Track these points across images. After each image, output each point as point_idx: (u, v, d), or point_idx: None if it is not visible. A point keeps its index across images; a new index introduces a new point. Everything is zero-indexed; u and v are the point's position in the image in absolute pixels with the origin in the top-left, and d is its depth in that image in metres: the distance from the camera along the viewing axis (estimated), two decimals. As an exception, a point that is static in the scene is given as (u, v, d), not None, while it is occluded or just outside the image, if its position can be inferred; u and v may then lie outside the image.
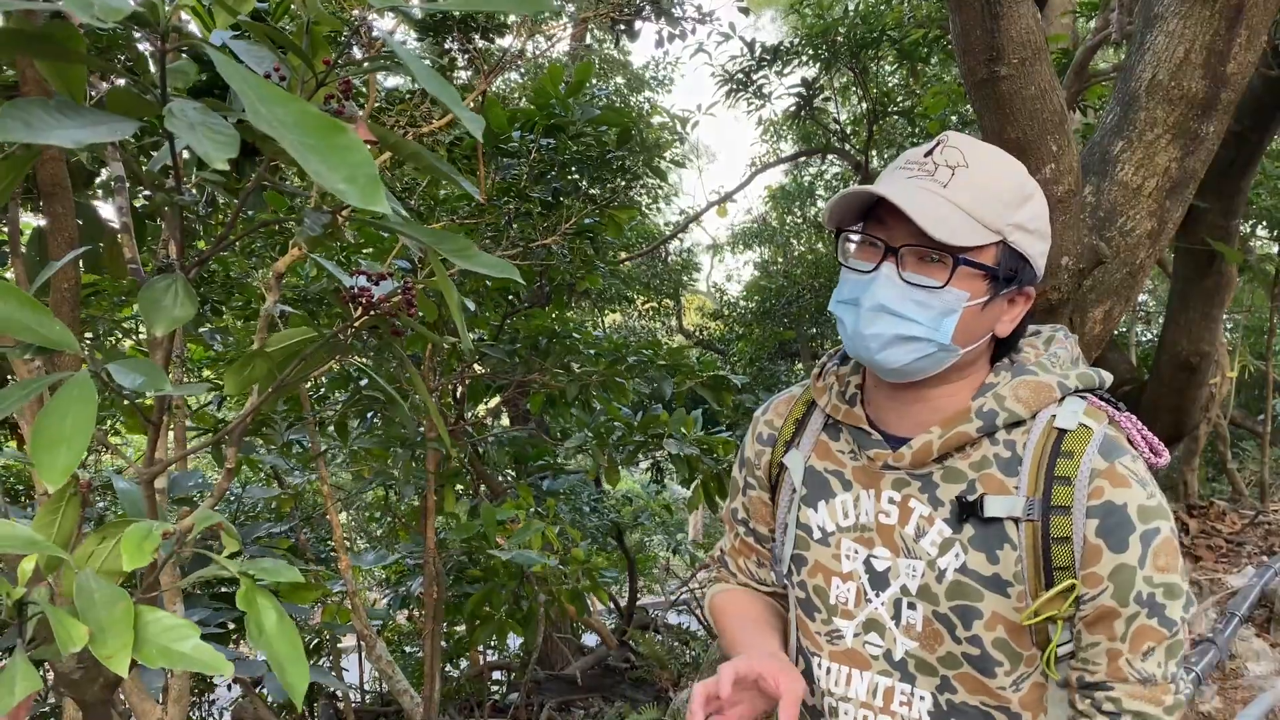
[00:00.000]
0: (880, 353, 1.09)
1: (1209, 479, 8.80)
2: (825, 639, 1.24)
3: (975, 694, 1.14)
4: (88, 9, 0.62)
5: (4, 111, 0.64)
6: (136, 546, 0.95)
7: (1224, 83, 2.66)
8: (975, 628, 1.11)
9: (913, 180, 1.08)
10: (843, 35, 5.79)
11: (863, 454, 1.21)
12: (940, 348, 1.09)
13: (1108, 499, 1.06)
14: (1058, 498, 1.08)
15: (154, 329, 0.87)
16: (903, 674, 1.17)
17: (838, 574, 1.22)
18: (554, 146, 3.40)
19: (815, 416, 1.30)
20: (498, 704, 6.18)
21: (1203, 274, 4.91)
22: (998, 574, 1.10)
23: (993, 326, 1.13)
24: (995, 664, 1.12)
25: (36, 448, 0.81)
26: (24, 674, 0.89)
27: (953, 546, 1.13)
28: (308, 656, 3.40)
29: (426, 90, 0.73)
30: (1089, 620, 1.09)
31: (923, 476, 1.16)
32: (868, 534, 1.19)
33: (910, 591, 1.16)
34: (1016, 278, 1.11)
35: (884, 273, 1.08)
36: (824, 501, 1.24)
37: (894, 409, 1.19)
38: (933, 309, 1.07)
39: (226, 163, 0.66)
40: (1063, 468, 1.08)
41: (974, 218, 1.06)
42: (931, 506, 1.14)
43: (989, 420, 1.12)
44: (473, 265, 0.88)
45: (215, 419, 4.12)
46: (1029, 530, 1.09)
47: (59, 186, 1.60)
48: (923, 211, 1.03)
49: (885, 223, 1.09)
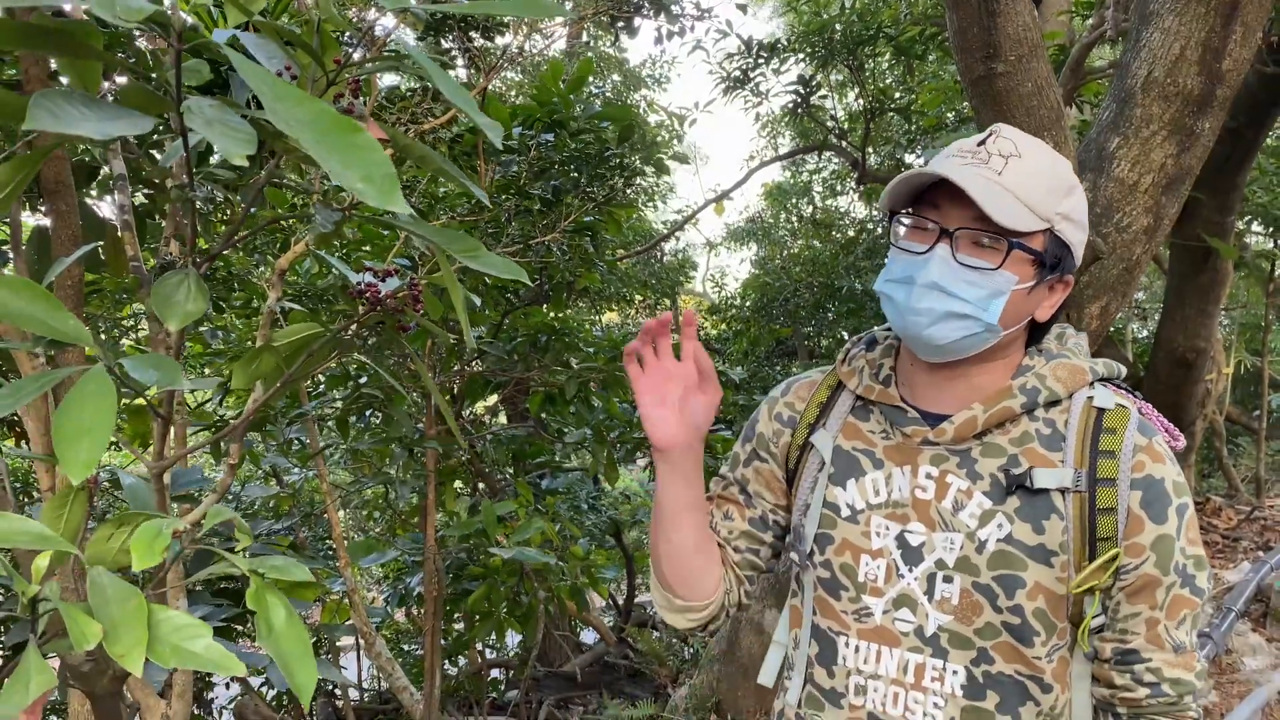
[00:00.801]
0: (929, 328, 1.13)
1: (1205, 475, 8.82)
2: (853, 617, 1.24)
3: (1012, 663, 1.17)
4: (110, 8, 0.63)
5: (33, 102, 0.65)
6: (147, 546, 0.95)
7: (1219, 79, 2.68)
8: (1018, 597, 1.14)
9: (968, 167, 1.12)
10: (839, 32, 5.80)
11: (897, 431, 1.24)
12: (986, 327, 1.13)
13: (1149, 473, 1.13)
14: (1104, 470, 1.13)
15: (168, 323, 0.88)
16: (935, 649, 1.19)
17: (867, 551, 1.23)
18: (554, 144, 3.41)
19: (842, 399, 1.32)
20: (496, 701, 6.19)
21: (1198, 270, 4.93)
22: (1043, 544, 1.14)
23: (1033, 311, 1.19)
24: (1034, 633, 1.15)
25: (59, 441, 0.82)
26: (38, 669, 0.89)
27: (994, 518, 1.16)
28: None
29: (443, 95, 0.74)
30: (1131, 589, 1.14)
31: (961, 452, 1.19)
32: (901, 510, 1.21)
33: (947, 565, 1.18)
34: (1060, 265, 1.16)
35: (939, 253, 1.12)
36: (853, 480, 1.26)
37: (932, 387, 1.23)
38: (983, 290, 1.12)
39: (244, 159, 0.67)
40: (1107, 443, 1.15)
41: (1026, 205, 1.11)
42: (970, 480, 1.18)
43: (1032, 397, 1.17)
44: (481, 266, 0.89)
45: (214, 416, 4.12)
46: (1075, 501, 1.14)
47: (62, 184, 1.60)
48: (984, 196, 1.08)
49: (939, 206, 1.14)
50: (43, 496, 1.68)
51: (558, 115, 3.46)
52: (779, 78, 6.37)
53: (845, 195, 9.74)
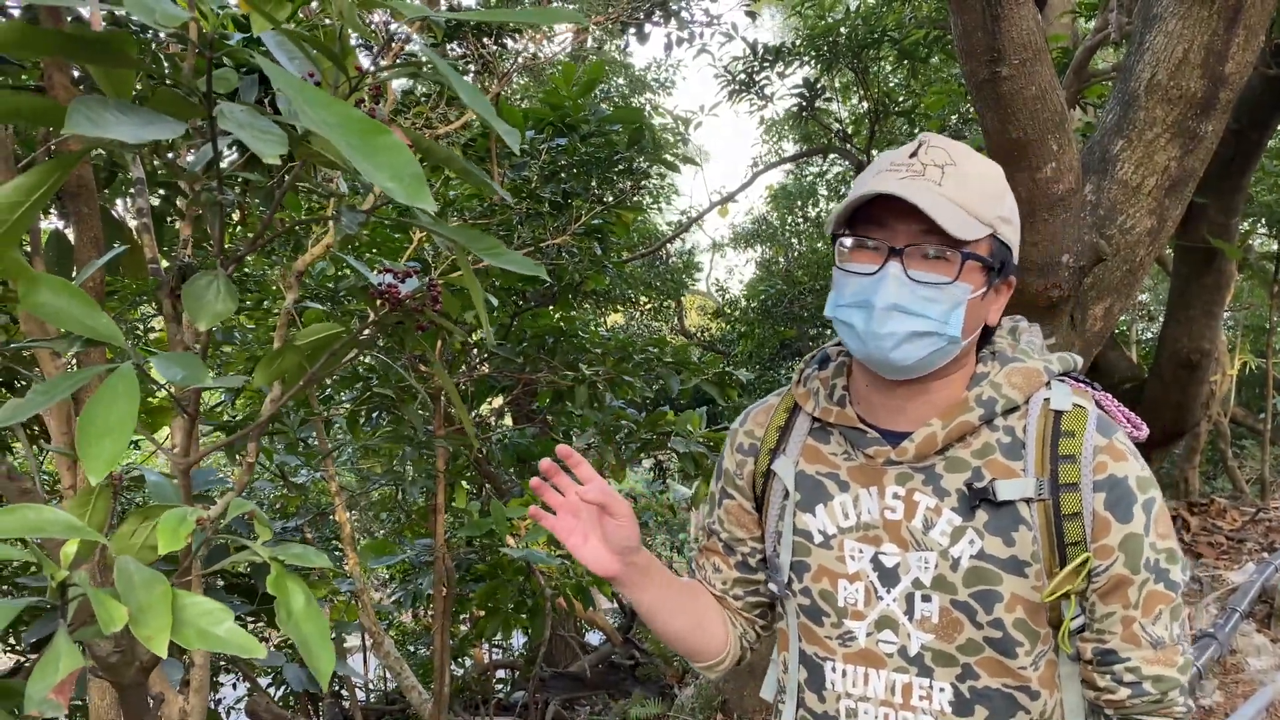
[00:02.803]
0: (894, 351, 1.11)
1: (1210, 476, 8.83)
2: (837, 642, 1.24)
3: (997, 676, 1.16)
4: (150, 15, 0.66)
5: (72, 108, 0.68)
6: (173, 531, 0.98)
7: (1223, 82, 2.70)
8: (996, 611, 1.14)
9: (907, 180, 1.09)
10: (844, 36, 5.83)
11: (859, 453, 1.22)
12: (950, 340, 1.11)
13: (1111, 473, 1.12)
14: (1065, 476, 1.12)
15: (198, 322, 0.90)
16: (920, 668, 1.18)
17: (844, 575, 1.22)
18: (564, 147, 3.44)
19: (800, 422, 1.30)
20: (503, 702, 6.22)
21: (1203, 271, 4.94)
22: (1015, 555, 1.13)
23: (985, 317, 1.17)
24: (1016, 645, 1.15)
25: (84, 438, 0.85)
26: (67, 652, 0.92)
27: (965, 534, 1.15)
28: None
29: (460, 100, 0.77)
30: (1104, 590, 1.13)
31: (925, 469, 1.18)
32: (873, 532, 1.20)
33: (924, 584, 1.17)
34: (1004, 268, 1.15)
35: (891, 272, 1.09)
36: (822, 505, 1.24)
37: (890, 405, 1.20)
38: (942, 304, 1.09)
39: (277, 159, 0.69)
40: (1066, 446, 1.13)
41: (970, 213, 1.09)
42: (938, 497, 1.16)
43: (989, 408, 1.15)
44: (502, 263, 0.92)
45: (222, 417, 4.16)
46: (1041, 509, 1.13)
47: (84, 187, 1.64)
48: (935, 209, 1.05)
49: (884, 224, 1.11)
50: (65, 494, 1.71)
51: (569, 119, 3.49)
52: (784, 81, 6.41)
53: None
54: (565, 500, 1.21)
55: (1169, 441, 5.56)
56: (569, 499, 1.21)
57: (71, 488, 1.71)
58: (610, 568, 1.23)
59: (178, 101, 0.90)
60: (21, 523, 0.89)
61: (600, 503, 1.19)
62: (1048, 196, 2.70)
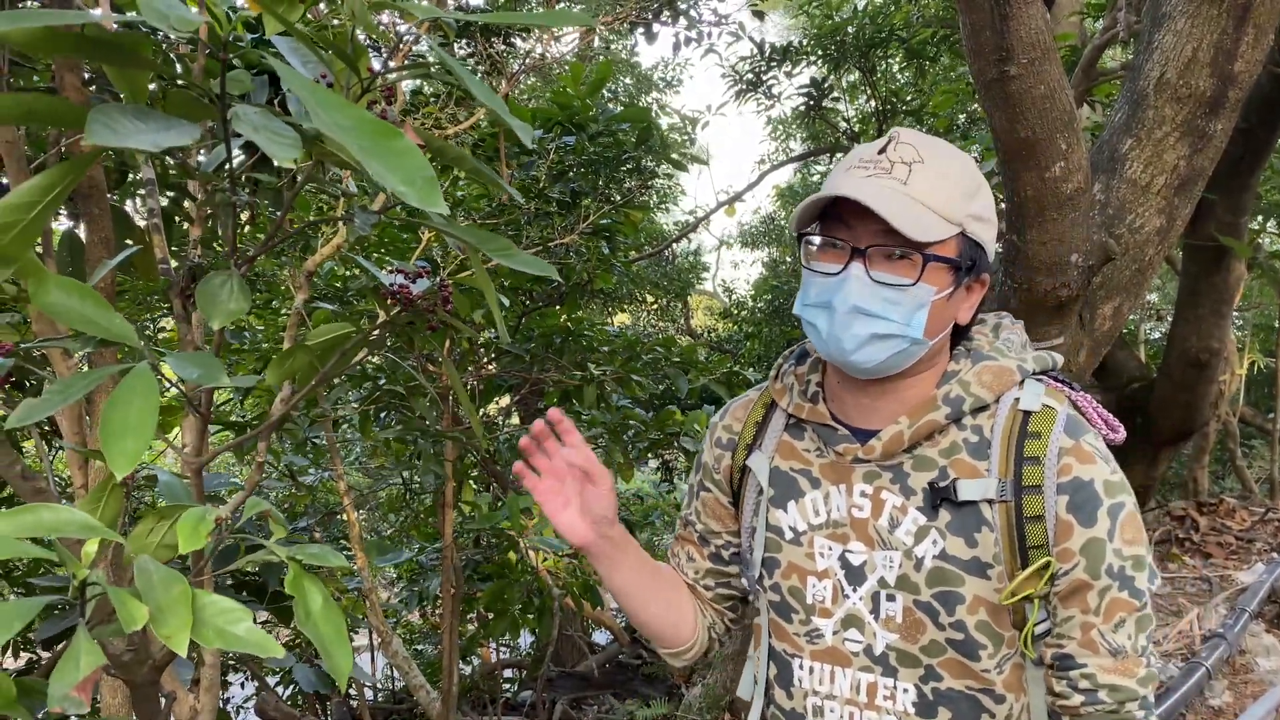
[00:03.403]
0: (856, 353, 1.10)
1: (1218, 476, 8.80)
2: (805, 639, 1.24)
3: (960, 679, 1.16)
4: (164, 20, 0.67)
5: (91, 118, 0.68)
6: (192, 529, 0.99)
7: (1232, 81, 2.69)
8: (958, 613, 1.13)
9: (872, 179, 1.08)
10: (851, 35, 5.82)
11: (830, 450, 1.21)
12: (913, 342, 1.11)
13: (1076, 475, 1.10)
14: (1029, 477, 1.10)
15: (212, 321, 0.91)
16: (884, 668, 1.18)
17: (813, 573, 1.22)
18: (572, 147, 3.45)
19: (776, 417, 1.30)
20: (510, 701, 6.22)
21: (1212, 271, 4.93)
22: (977, 557, 1.12)
23: (955, 315, 1.16)
24: (979, 647, 1.14)
25: (106, 436, 0.85)
26: (87, 650, 0.93)
27: (929, 534, 1.14)
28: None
29: (472, 99, 0.77)
30: (1063, 594, 1.12)
31: (893, 467, 1.17)
32: (841, 530, 1.20)
33: (889, 583, 1.17)
34: (975, 266, 1.13)
35: (853, 274, 1.09)
36: (793, 501, 1.24)
37: (860, 404, 1.20)
38: (904, 306, 1.09)
39: (292, 161, 0.70)
40: (1031, 448, 1.11)
41: (936, 212, 1.08)
42: (904, 496, 1.16)
43: (956, 406, 1.14)
44: (513, 263, 0.92)
45: (229, 416, 4.17)
46: (1003, 511, 1.11)
47: (95, 188, 1.65)
48: (893, 211, 1.04)
49: (849, 223, 1.10)
50: (75, 493, 1.72)
51: (577, 118, 3.49)
52: (791, 80, 6.40)
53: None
54: (551, 464, 1.23)
55: (1178, 441, 5.54)
56: (555, 463, 1.23)
57: (83, 487, 1.72)
58: (585, 536, 1.24)
59: (191, 104, 0.90)
60: (38, 522, 0.90)
61: (583, 467, 1.21)
62: (1056, 196, 2.70)
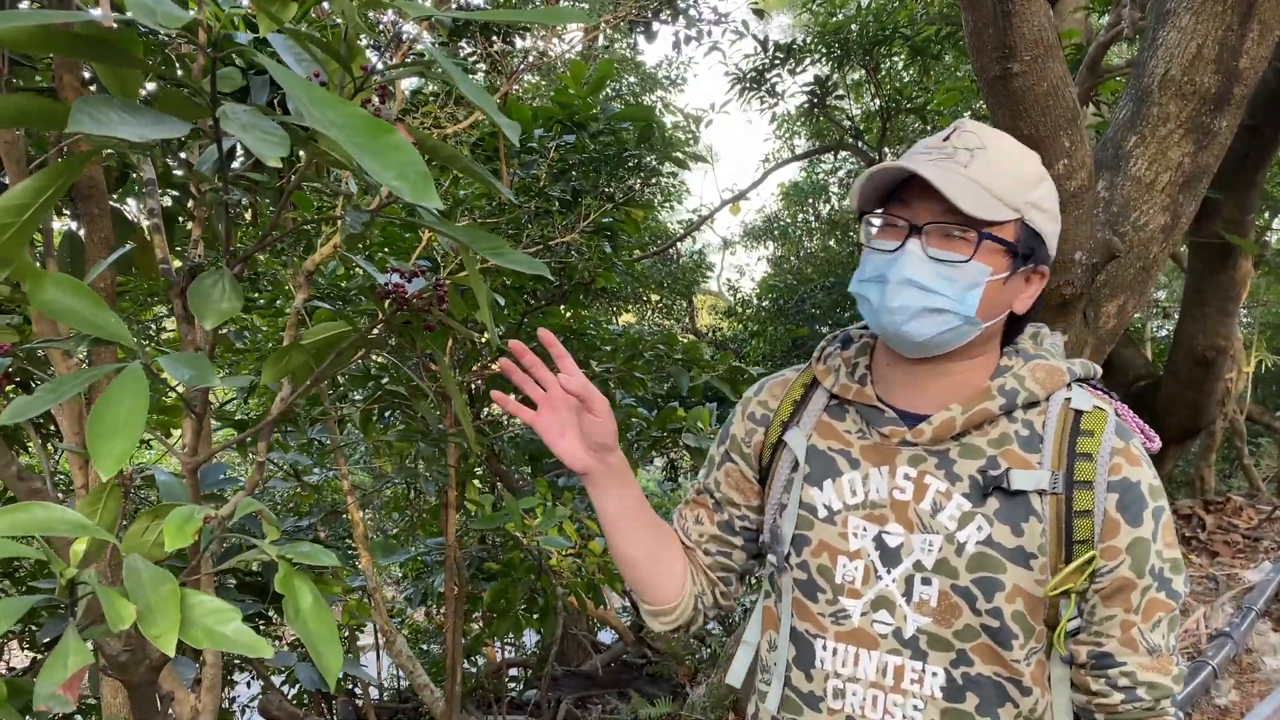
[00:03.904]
0: (906, 324, 1.13)
1: (1225, 475, 8.77)
2: (830, 619, 1.23)
3: (991, 664, 1.17)
4: (151, 16, 0.66)
5: (76, 107, 0.68)
6: (178, 528, 0.99)
7: (1236, 78, 2.68)
8: (996, 599, 1.14)
9: (934, 163, 1.12)
10: (855, 32, 5.81)
11: (874, 431, 1.22)
12: (965, 320, 1.13)
13: (1125, 475, 1.13)
14: (1081, 473, 1.13)
15: (204, 321, 0.91)
16: (914, 651, 1.18)
17: (844, 552, 1.22)
18: (573, 145, 3.44)
19: (816, 397, 1.31)
20: (515, 700, 6.23)
21: (1218, 268, 4.91)
22: (1022, 546, 1.14)
23: (1011, 303, 1.19)
24: (1012, 636, 1.15)
25: (94, 436, 0.85)
26: (75, 649, 0.92)
27: (973, 520, 1.15)
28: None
29: (467, 98, 0.77)
30: (1106, 593, 1.14)
31: (939, 453, 1.18)
32: (879, 511, 1.20)
33: (925, 566, 1.17)
34: (1033, 255, 1.16)
35: (909, 249, 1.12)
36: (830, 480, 1.25)
37: (909, 386, 1.21)
38: (958, 282, 1.11)
39: (279, 161, 0.70)
40: (1084, 445, 1.14)
41: (994, 195, 1.11)
42: (949, 482, 1.17)
43: (1010, 399, 1.16)
44: (505, 262, 0.92)
45: (235, 416, 4.18)
46: (1052, 504, 1.14)
47: (95, 188, 1.65)
48: (951, 187, 1.08)
49: (909, 204, 1.14)
50: (76, 493, 1.72)
51: (578, 117, 3.49)
52: (795, 78, 6.39)
53: (862, 195, 9.70)
54: (546, 395, 1.23)
55: (1184, 439, 5.52)
56: (551, 393, 1.22)
57: (84, 487, 1.73)
58: (585, 462, 1.24)
59: (184, 102, 0.90)
60: (30, 521, 0.90)
61: (579, 394, 1.20)
62: (1060, 193, 2.68)
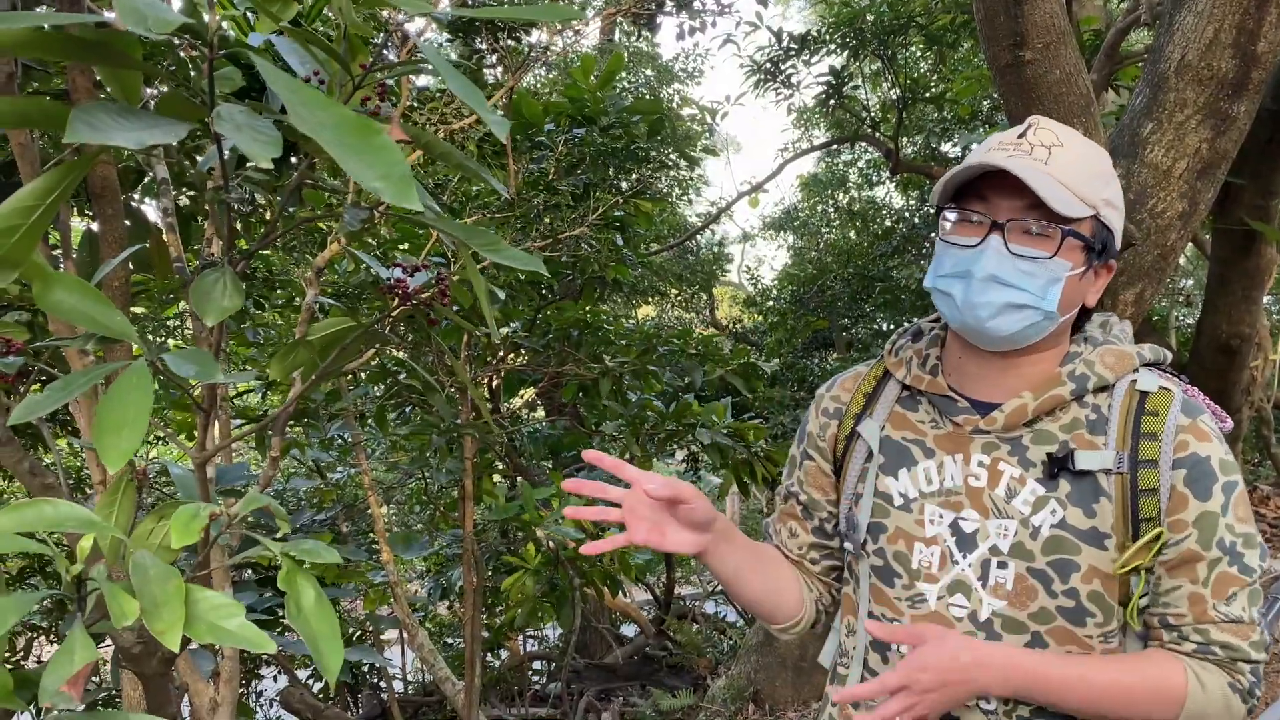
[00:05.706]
0: (990, 320, 1.15)
1: (1253, 464, 8.66)
2: (906, 604, 1.26)
3: (1065, 644, 1.18)
4: (141, 21, 0.68)
5: (73, 116, 0.69)
6: (185, 525, 1.00)
7: (1255, 62, 2.64)
8: (1073, 580, 1.16)
9: (1015, 159, 1.14)
10: (870, 22, 5.77)
11: (947, 421, 1.26)
12: (1046, 315, 1.16)
13: (1193, 451, 1.15)
14: (1145, 452, 1.15)
15: (205, 318, 0.92)
16: (988, 634, 1.20)
17: (920, 539, 1.25)
18: (583, 139, 3.44)
19: (888, 389, 1.35)
20: (538, 693, 6.27)
21: (1241, 255, 4.83)
22: (1095, 527, 1.16)
23: (1084, 296, 1.22)
24: (1088, 615, 1.17)
25: (100, 432, 0.87)
26: (82, 644, 0.94)
27: (1048, 504, 1.18)
28: (350, 646, 3.44)
29: (456, 93, 0.78)
30: (1171, 564, 1.16)
31: (1012, 440, 1.21)
32: (955, 498, 1.23)
33: (1001, 551, 1.19)
34: (1106, 250, 1.19)
35: (992, 245, 1.14)
36: (905, 469, 1.28)
37: (982, 378, 1.25)
38: (1040, 278, 1.14)
39: (269, 161, 0.71)
40: (1149, 425, 1.17)
41: (1075, 193, 1.14)
42: (1022, 468, 1.20)
43: (1081, 384, 1.19)
44: (500, 258, 0.93)
45: (255, 412, 4.22)
46: (1118, 483, 1.16)
47: (109, 188, 1.67)
48: (1040, 184, 1.10)
49: (986, 199, 1.16)
50: (95, 490, 1.75)
51: (587, 111, 3.49)
52: (810, 69, 6.35)
53: (882, 185, 9.67)
54: (626, 509, 1.24)
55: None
56: (631, 506, 1.23)
57: (102, 483, 1.75)
58: (698, 544, 1.26)
59: (183, 104, 0.91)
60: (38, 517, 0.92)
61: (666, 497, 1.19)
62: (1074, 181, 2.67)
